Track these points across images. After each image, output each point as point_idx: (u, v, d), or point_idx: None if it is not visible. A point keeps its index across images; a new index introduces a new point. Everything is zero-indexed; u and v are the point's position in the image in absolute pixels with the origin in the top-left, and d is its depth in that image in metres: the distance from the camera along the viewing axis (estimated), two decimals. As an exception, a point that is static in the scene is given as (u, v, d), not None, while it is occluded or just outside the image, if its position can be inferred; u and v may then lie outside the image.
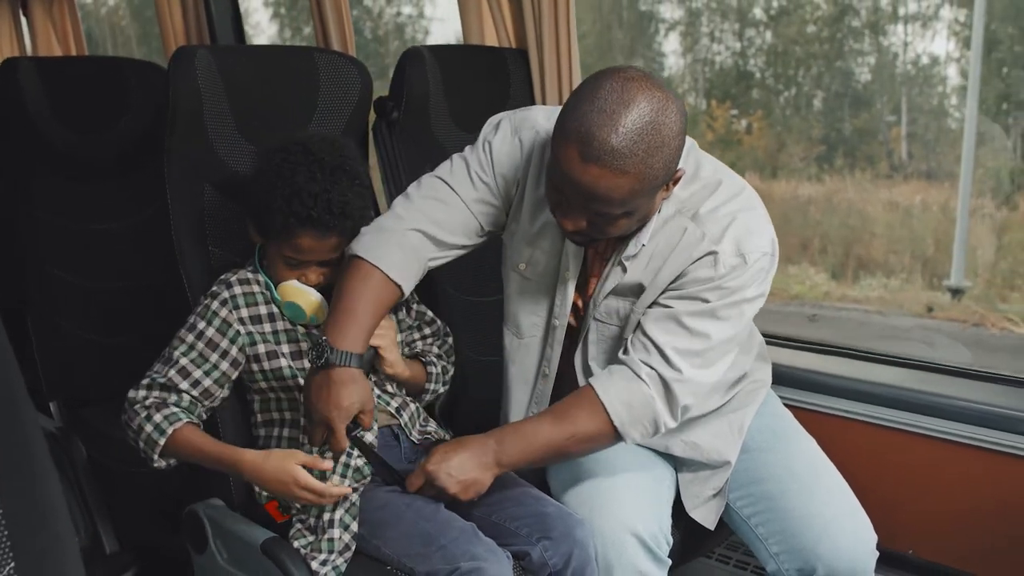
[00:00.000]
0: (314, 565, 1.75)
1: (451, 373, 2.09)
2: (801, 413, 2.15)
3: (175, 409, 1.80)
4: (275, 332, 1.88)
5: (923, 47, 10.19)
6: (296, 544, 1.79)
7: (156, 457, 1.80)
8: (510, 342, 1.98)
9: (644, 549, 1.82)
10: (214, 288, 1.87)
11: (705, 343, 1.72)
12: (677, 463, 2.01)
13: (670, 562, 1.86)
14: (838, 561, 1.84)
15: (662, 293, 1.77)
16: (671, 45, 11.54)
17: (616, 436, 1.76)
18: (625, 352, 1.78)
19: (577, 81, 2.36)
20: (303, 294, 1.85)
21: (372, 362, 1.84)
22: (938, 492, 2.13)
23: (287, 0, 12.21)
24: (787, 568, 1.89)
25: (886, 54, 10.24)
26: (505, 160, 1.82)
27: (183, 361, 1.82)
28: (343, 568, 1.77)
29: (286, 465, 1.72)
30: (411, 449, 1.96)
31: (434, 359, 2.05)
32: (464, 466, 1.76)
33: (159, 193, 2.74)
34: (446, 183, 1.82)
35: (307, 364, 1.81)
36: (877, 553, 1.87)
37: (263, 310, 1.87)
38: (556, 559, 1.80)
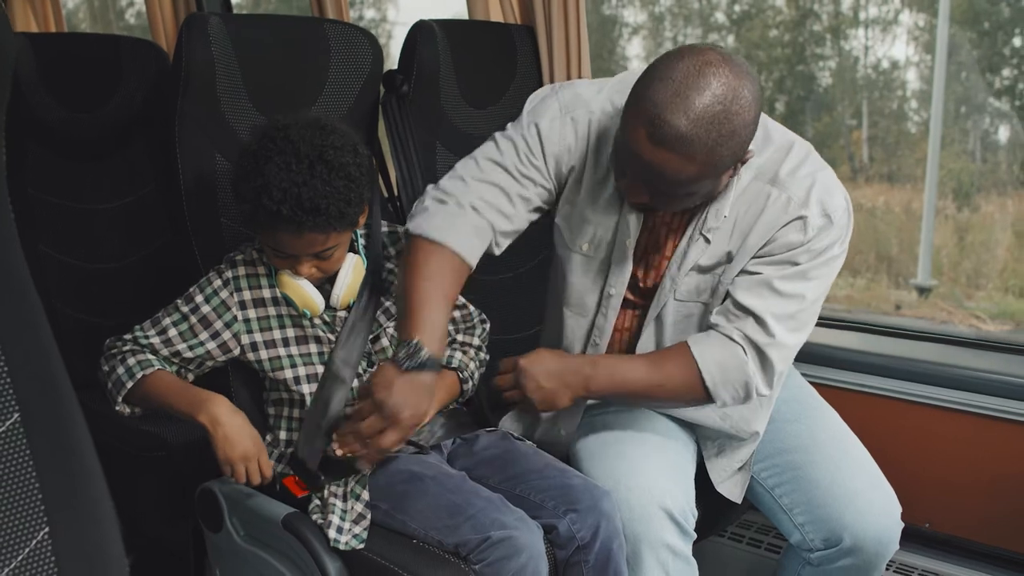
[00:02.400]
0: (331, 534, 1.72)
1: (486, 359, 2.06)
2: (815, 387, 2.15)
3: (151, 357, 1.77)
4: (279, 316, 1.84)
5: (883, 51, 10.31)
6: (315, 518, 1.75)
7: (120, 400, 1.77)
8: (571, 321, 1.95)
9: (672, 523, 1.80)
10: (220, 266, 1.84)
11: (799, 304, 1.73)
12: (701, 436, 1.99)
13: (695, 536, 1.85)
14: (865, 532, 1.84)
15: (749, 260, 1.76)
16: (635, 49, 11.59)
17: (707, 396, 1.77)
18: (716, 321, 1.77)
19: (586, 59, 2.35)
20: (294, 286, 1.81)
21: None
22: (954, 464, 2.14)
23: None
24: (812, 539, 1.89)
25: (847, 58, 10.36)
26: (556, 141, 1.79)
27: (171, 332, 1.79)
28: (363, 536, 1.73)
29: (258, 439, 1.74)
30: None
31: (468, 361, 1.99)
32: (552, 376, 1.76)
33: (156, 171, 2.71)
34: (501, 166, 1.78)
35: (312, 349, 1.79)
36: (902, 525, 1.87)
37: (267, 293, 1.83)
38: (584, 532, 1.77)
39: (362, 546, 1.71)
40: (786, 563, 2.01)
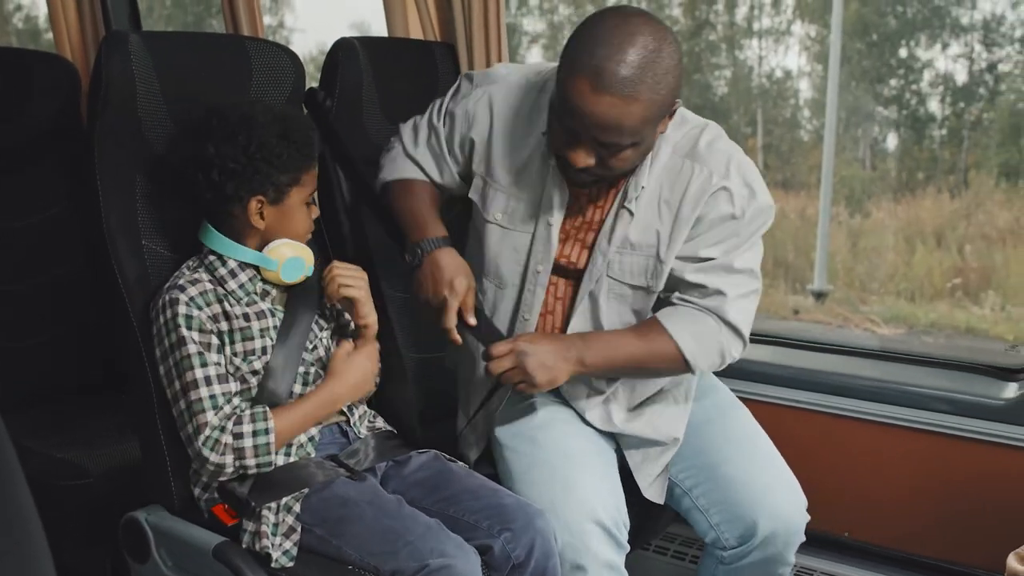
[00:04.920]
0: (263, 543, 1.69)
1: None
2: (736, 401, 2.19)
3: (245, 409, 1.73)
4: (245, 315, 1.79)
5: (777, 61, 10.58)
6: (244, 542, 1.72)
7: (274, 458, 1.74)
8: (492, 293, 1.97)
9: (607, 536, 1.82)
10: (171, 296, 1.75)
11: (752, 274, 1.84)
12: (625, 446, 2.01)
13: (628, 548, 1.87)
14: (776, 524, 1.89)
15: (690, 243, 1.82)
16: (534, 57, 11.68)
17: (686, 366, 1.84)
18: (681, 299, 1.86)
19: (506, 74, 2.36)
20: (299, 248, 1.81)
21: (348, 311, 1.89)
22: (873, 474, 2.19)
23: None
24: (727, 537, 1.93)
25: (742, 68, 10.59)
26: (461, 119, 1.94)
27: (199, 374, 1.72)
28: (293, 553, 1.71)
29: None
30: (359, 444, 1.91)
31: None
32: (551, 353, 1.80)
33: (67, 189, 2.63)
34: (427, 147, 1.99)
35: (275, 323, 1.80)
36: (808, 517, 1.93)
37: (216, 309, 1.78)
38: (519, 551, 1.77)
39: (292, 564, 1.69)
40: (702, 570, 2.04)
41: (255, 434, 1.70)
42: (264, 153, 1.73)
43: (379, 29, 2.67)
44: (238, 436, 1.70)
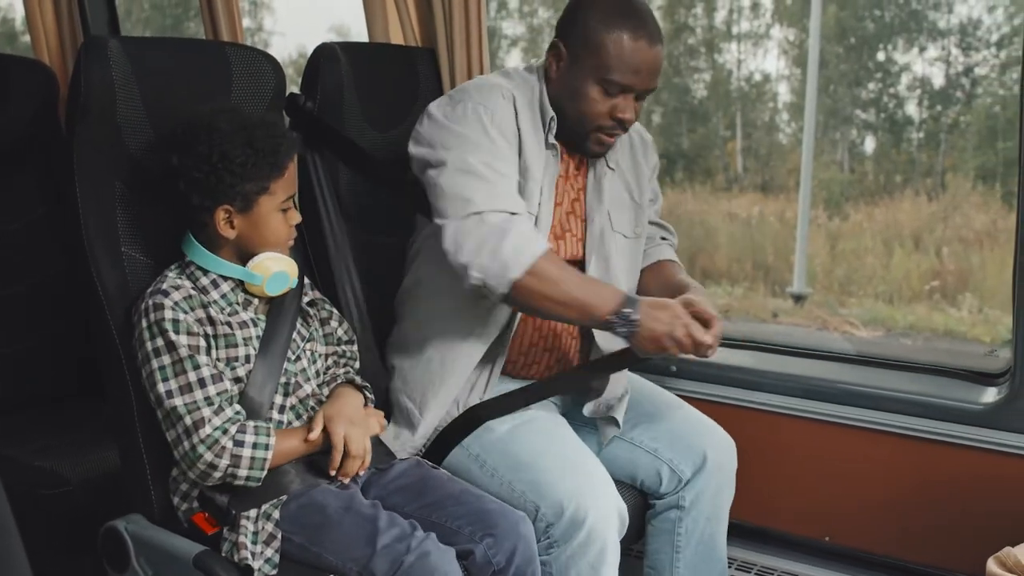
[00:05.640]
0: (243, 553, 1.68)
1: None
2: (716, 407, 2.20)
3: (250, 422, 1.71)
4: (228, 323, 1.78)
5: (755, 65, 10.65)
6: (225, 551, 1.71)
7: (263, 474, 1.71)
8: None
9: (621, 525, 1.84)
10: (155, 301, 1.73)
11: None
12: (601, 425, 2.04)
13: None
14: (720, 453, 1.99)
15: (649, 186, 2.08)
16: (513, 60, 11.70)
17: None
18: (665, 246, 2.11)
19: (488, 80, 2.35)
20: (283, 260, 1.78)
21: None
22: (853, 479, 2.20)
23: None
24: (683, 468, 1.99)
25: (721, 71, 10.65)
26: (511, 137, 1.88)
27: (192, 377, 1.70)
28: (275, 560, 1.70)
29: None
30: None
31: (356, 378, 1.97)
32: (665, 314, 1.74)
33: (44, 195, 2.61)
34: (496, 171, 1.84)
35: (258, 333, 1.77)
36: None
37: (201, 313, 1.77)
38: (499, 556, 1.77)
39: (275, 572, 1.68)
40: (654, 532, 2.05)
41: (255, 446, 1.69)
42: (226, 163, 1.70)
43: (359, 32, 2.66)
44: (239, 444, 1.68)
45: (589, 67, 1.83)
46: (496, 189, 1.78)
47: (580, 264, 1.97)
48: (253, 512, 1.73)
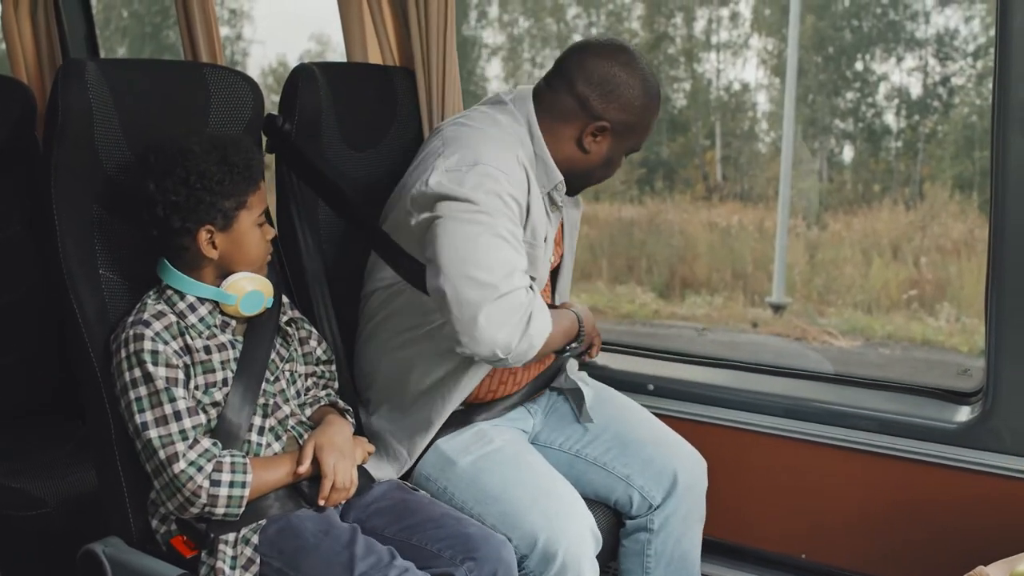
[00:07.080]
0: None
1: None
2: (690, 425, 2.21)
3: (226, 455, 1.70)
4: (206, 348, 1.77)
5: (735, 74, 10.68)
6: (202, 575, 1.71)
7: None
8: None
9: (595, 544, 1.85)
10: (135, 331, 1.73)
11: None
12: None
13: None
14: (690, 474, 2.04)
15: None
16: (494, 70, 11.70)
17: None
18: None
19: (459, 99, 2.34)
20: (258, 280, 1.78)
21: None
22: (828, 497, 2.21)
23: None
24: (653, 494, 2.02)
25: (700, 81, 10.69)
26: (520, 194, 1.88)
27: (168, 409, 1.69)
28: None
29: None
30: None
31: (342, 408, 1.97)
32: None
33: (20, 214, 2.60)
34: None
35: (236, 355, 1.78)
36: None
37: (180, 343, 1.76)
38: (478, 581, 1.78)
39: (252, 596, 1.69)
40: (625, 553, 2.07)
41: (232, 485, 1.68)
42: (205, 182, 1.71)
43: (339, 41, 2.65)
44: (216, 483, 1.67)
45: (631, 142, 1.94)
46: (516, 261, 1.78)
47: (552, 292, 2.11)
48: (231, 536, 1.72)
